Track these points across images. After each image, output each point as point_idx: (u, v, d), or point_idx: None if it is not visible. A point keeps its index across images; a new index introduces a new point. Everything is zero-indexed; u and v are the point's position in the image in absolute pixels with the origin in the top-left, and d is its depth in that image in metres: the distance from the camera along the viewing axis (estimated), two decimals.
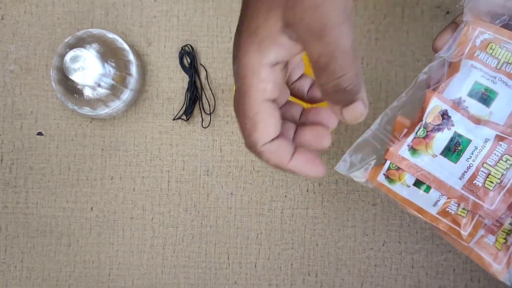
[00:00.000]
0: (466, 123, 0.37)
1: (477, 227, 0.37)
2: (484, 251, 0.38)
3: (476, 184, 0.36)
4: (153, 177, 0.63)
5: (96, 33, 0.59)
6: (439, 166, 0.37)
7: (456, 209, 0.37)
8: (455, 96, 0.38)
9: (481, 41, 0.38)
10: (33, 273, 0.63)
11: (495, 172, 0.36)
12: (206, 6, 0.63)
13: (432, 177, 0.37)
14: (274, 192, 0.62)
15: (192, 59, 0.62)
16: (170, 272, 0.62)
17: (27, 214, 0.63)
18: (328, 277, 0.62)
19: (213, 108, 0.62)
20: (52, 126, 0.63)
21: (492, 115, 0.38)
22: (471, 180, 0.36)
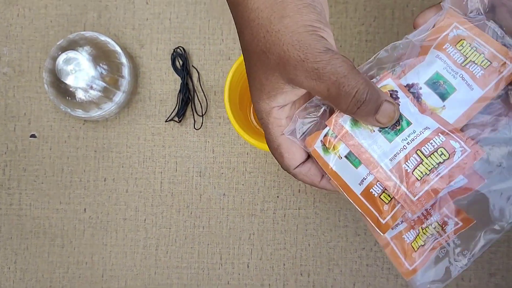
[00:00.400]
0: (411, 109, 0.36)
1: (396, 217, 0.36)
2: (399, 248, 0.38)
3: (405, 168, 0.35)
4: (146, 179, 0.63)
5: (89, 36, 0.60)
6: (374, 143, 0.36)
7: (380, 192, 0.36)
8: (413, 81, 0.38)
9: (454, 36, 0.37)
10: (27, 274, 0.63)
11: (426, 162, 0.35)
12: (198, 8, 0.64)
13: (364, 151, 0.36)
14: (266, 193, 0.63)
15: (184, 61, 0.63)
16: (163, 272, 0.63)
17: (20, 216, 0.63)
18: (320, 277, 0.62)
19: (205, 110, 0.63)
20: (45, 128, 0.64)
21: (444, 109, 0.37)
22: (401, 163, 0.35)
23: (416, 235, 0.37)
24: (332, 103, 0.35)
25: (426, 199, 0.35)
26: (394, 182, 0.35)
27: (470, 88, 0.37)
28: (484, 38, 0.37)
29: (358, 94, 0.33)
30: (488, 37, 0.37)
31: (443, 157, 0.35)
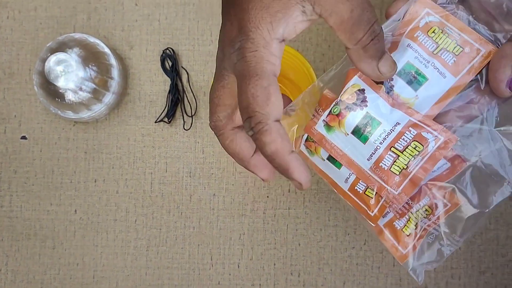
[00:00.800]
0: (381, 104, 0.37)
1: (383, 210, 0.37)
2: (392, 234, 0.38)
3: (382, 167, 0.36)
4: (136, 179, 0.63)
5: (78, 38, 0.60)
6: (350, 145, 0.37)
7: (364, 189, 0.37)
8: None
9: (426, 23, 0.37)
10: (18, 276, 0.63)
11: (402, 157, 0.36)
12: (187, 9, 0.64)
13: (343, 154, 0.37)
14: (256, 193, 0.63)
15: (173, 62, 0.63)
16: (154, 273, 0.63)
17: (11, 218, 0.63)
18: (311, 276, 0.63)
19: (194, 111, 0.63)
20: (35, 130, 0.64)
21: (417, 99, 0.37)
22: (378, 163, 0.36)
23: (406, 221, 0.38)
24: (346, 31, 0.32)
25: (407, 191, 0.36)
26: (375, 180, 0.36)
27: (443, 76, 0.36)
28: (456, 24, 0.37)
29: (376, 24, 0.32)
30: (460, 22, 0.37)
31: (417, 149, 0.35)
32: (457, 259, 0.62)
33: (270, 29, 0.32)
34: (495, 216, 0.62)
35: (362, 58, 0.33)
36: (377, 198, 0.37)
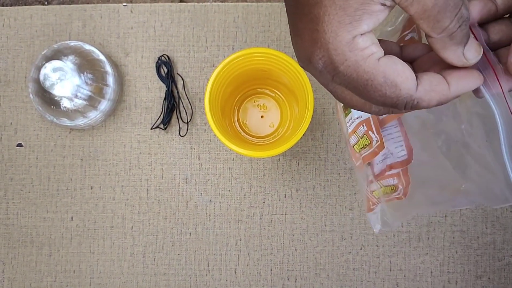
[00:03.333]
0: None
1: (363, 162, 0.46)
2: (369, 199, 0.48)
3: (349, 142, 0.46)
4: (133, 186, 0.63)
5: (73, 45, 0.60)
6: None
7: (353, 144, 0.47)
8: None
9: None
10: (15, 283, 0.63)
11: (360, 142, 0.44)
12: (182, 16, 0.64)
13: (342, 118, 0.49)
14: (253, 199, 0.63)
15: (169, 68, 0.63)
16: (151, 280, 0.63)
17: (7, 225, 0.63)
18: (307, 281, 0.62)
19: (190, 117, 0.63)
20: (31, 137, 0.64)
21: None
22: (348, 138, 0.47)
23: (378, 188, 0.46)
24: (430, 20, 0.29)
25: (362, 163, 0.46)
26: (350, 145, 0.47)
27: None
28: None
29: (464, 7, 0.28)
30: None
31: (367, 142, 0.43)
32: (454, 263, 0.62)
33: (351, 29, 0.28)
34: (491, 220, 0.62)
35: (447, 46, 0.30)
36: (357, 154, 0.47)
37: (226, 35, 0.64)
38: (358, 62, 0.29)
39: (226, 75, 0.54)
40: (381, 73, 0.29)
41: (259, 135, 0.62)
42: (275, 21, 0.64)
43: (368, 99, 0.30)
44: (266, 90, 0.62)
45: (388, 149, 0.43)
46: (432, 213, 0.62)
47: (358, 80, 0.29)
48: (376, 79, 0.29)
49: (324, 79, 0.31)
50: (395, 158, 0.43)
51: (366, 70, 0.29)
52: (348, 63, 0.29)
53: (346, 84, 0.30)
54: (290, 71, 0.53)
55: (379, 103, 0.30)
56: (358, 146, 0.45)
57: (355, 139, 0.45)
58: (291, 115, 0.61)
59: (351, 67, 0.29)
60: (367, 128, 0.43)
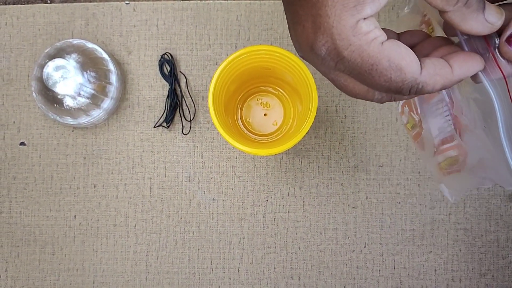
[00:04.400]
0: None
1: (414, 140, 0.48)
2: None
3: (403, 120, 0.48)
4: (136, 184, 0.63)
5: (76, 43, 0.60)
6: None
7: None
8: None
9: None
10: (18, 282, 0.63)
11: (409, 122, 0.47)
12: (185, 15, 0.64)
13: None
14: (256, 197, 0.63)
15: (171, 67, 0.63)
16: (154, 278, 0.63)
17: (11, 224, 0.63)
18: (311, 280, 0.62)
19: (193, 115, 0.63)
20: (34, 136, 0.64)
21: None
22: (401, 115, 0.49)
23: (443, 159, 0.45)
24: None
25: (414, 140, 0.47)
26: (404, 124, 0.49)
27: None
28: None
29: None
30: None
31: (413, 122, 0.46)
32: (458, 261, 0.62)
33: (355, 13, 0.28)
34: (495, 218, 0.62)
35: (466, 16, 0.29)
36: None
37: (229, 33, 0.64)
38: (362, 46, 0.28)
39: (229, 73, 0.54)
40: (385, 57, 0.28)
41: (262, 133, 0.62)
42: (278, 19, 0.64)
43: (372, 85, 0.30)
44: (270, 88, 0.62)
45: (440, 123, 0.43)
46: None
47: (363, 65, 0.29)
48: (381, 63, 0.29)
49: (326, 67, 0.30)
50: (446, 133, 0.43)
51: (370, 54, 0.28)
52: (352, 48, 0.28)
53: (350, 71, 0.30)
54: (293, 69, 0.53)
55: (384, 88, 0.30)
56: (410, 125, 0.46)
57: (405, 119, 0.47)
58: (294, 113, 0.61)
59: (355, 52, 0.28)
60: (409, 109, 0.45)
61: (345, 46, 0.28)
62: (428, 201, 0.62)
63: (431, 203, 0.62)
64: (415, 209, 0.62)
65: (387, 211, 0.62)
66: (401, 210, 0.62)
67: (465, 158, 0.43)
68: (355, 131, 0.63)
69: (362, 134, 0.63)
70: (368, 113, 0.63)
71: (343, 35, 0.28)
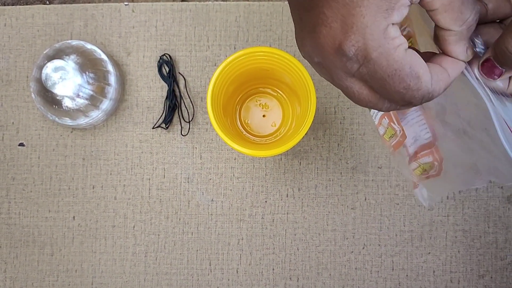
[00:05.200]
0: None
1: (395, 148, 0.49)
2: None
3: (379, 132, 0.49)
4: (134, 185, 0.63)
5: (75, 44, 0.60)
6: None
7: (382, 134, 0.50)
8: None
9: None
10: (17, 283, 0.63)
11: (387, 132, 0.47)
12: (184, 16, 0.64)
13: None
14: (254, 198, 0.63)
15: (170, 68, 0.63)
16: (153, 279, 0.63)
17: (9, 225, 0.63)
18: (310, 281, 0.62)
19: (192, 116, 0.63)
20: (33, 137, 0.64)
21: None
22: (377, 128, 0.49)
23: (417, 166, 0.47)
24: (454, 12, 0.30)
25: (394, 149, 0.48)
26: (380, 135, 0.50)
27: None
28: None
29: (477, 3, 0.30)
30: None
31: (392, 132, 0.46)
32: (456, 263, 0.62)
33: (387, 17, 0.28)
34: (493, 220, 0.62)
35: (461, 39, 0.31)
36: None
37: (227, 34, 0.64)
38: (390, 50, 0.29)
39: (228, 74, 0.54)
40: (408, 63, 0.29)
41: (261, 134, 0.62)
42: (276, 20, 0.64)
43: (388, 92, 0.30)
44: (268, 89, 0.62)
45: (415, 132, 0.45)
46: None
47: (387, 69, 0.29)
48: (403, 70, 0.29)
49: (347, 71, 0.30)
50: (422, 140, 0.45)
51: (396, 59, 0.29)
52: (381, 50, 0.29)
53: (371, 75, 0.30)
54: (292, 70, 0.53)
55: (398, 96, 0.30)
56: (387, 136, 0.47)
57: (382, 130, 0.48)
58: (293, 114, 0.61)
59: (383, 55, 0.29)
60: (388, 120, 0.46)
61: (375, 48, 0.29)
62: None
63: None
64: (413, 210, 0.62)
65: (386, 212, 0.62)
66: (400, 211, 0.63)
67: (441, 163, 0.44)
68: (353, 132, 0.63)
69: (360, 135, 0.63)
70: (367, 115, 0.63)
71: (375, 36, 0.28)
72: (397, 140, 0.47)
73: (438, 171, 0.45)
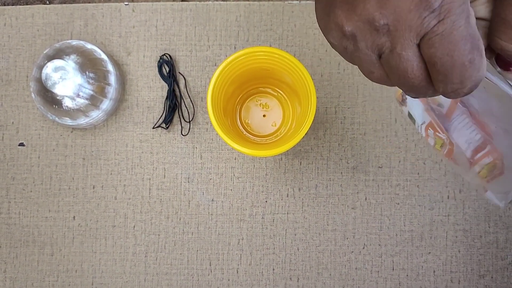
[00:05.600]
0: (418, 107, 0.47)
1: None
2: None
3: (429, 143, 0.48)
4: (135, 185, 0.63)
5: (75, 44, 0.60)
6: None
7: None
8: None
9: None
10: (16, 283, 0.63)
11: (437, 141, 0.47)
12: (184, 15, 0.64)
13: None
14: (255, 198, 0.63)
15: (170, 68, 0.63)
16: (153, 279, 0.63)
17: (9, 225, 0.63)
18: (310, 281, 0.62)
19: (192, 116, 0.63)
20: (33, 136, 0.64)
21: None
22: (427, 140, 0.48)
23: (481, 169, 0.46)
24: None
25: (448, 157, 0.47)
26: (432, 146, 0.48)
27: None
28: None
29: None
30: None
31: (441, 142, 0.46)
32: (457, 262, 0.62)
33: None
34: (494, 219, 0.62)
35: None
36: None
37: (228, 34, 0.64)
38: (470, 12, 0.28)
39: (228, 74, 0.54)
40: (477, 35, 0.28)
41: (261, 134, 0.62)
42: (277, 20, 0.64)
43: (453, 62, 0.28)
44: (269, 89, 0.62)
45: (466, 136, 0.45)
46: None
47: (463, 31, 0.27)
48: (474, 39, 0.28)
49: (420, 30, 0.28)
50: (475, 142, 0.45)
51: (471, 24, 0.28)
52: (464, 8, 0.27)
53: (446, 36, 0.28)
54: (292, 70, 0.53)
55: (458, 71, 0.28)
56: (438, 145, 0.47)
57: (432, 141, 0.48)
58: (293, 114, 0.61)
59: (463, 14, 0.27)
60: (433, 130, 0.46)
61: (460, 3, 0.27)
62: (427, 202, 0.62)
63: (430, 204, 0.62)
64: (414, 210, 0.62)
65: (386, 212, 0.62)
66: (400, 211, 0.62)
67: (502, 160, 0.44)
68: (354, 132, 0.63)
69: (361, 135, 0.63)
70: (368, 114, 0.63)
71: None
72: (448, 149, 0.47)
73: (502, 170, 0.45)
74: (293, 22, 0.64)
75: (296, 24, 0.64)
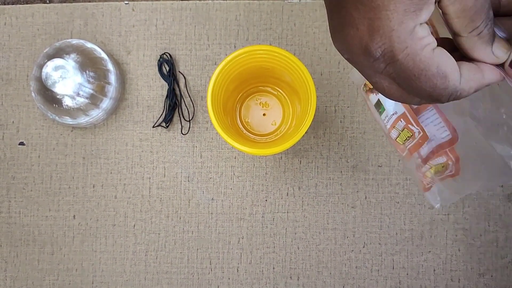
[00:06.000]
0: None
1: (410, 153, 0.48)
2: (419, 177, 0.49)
3: (391, 136, 0.47)
4: (135, 184, 0.63)
5: (75, 43, 0.60)
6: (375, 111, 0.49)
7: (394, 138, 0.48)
8: None
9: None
10: (17, 282, 0.63)
11: (402, 135, 0.46)
12: (184, 14, 0.64)
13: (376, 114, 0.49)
14: (255, 197, 0.63)
15: (170, 67, 0.63)
16: (153, 278, 0.63)
17: (10, 224, 0.63)
18: (310, 279, 0.62)
19: (192, 115, 0.63)
20: (33, 136, 0.64)
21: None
22: (388, 133, 0.48)
23: (429, 168, 0.47)
24: (465, 19, 0.30)
25: (409, 154, 0.47)
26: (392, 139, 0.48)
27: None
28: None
29: (490, 8, 0.30)
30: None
31: (409, 134, 0.45)
32: (457, 261, 0.62)
33: (415, 18, 0.29)
34: (494, 218, 0.62)
35: (476, 45, 0.31)
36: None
37: (227, 33, 0.64)
38: (417, 51, 0.29)
39: (228, 73, 0.54)
40: (435, 63, 0.30)
41: (261, 133, 0.62)
42: (277, 19, 0.64)
43: (415, 90, 0.31)
44: (268, 88, 0.62)
45: (430, 133, 0.45)
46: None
47: (413, 70, 0.30)
48: (430, 70, 0.29)
49: (374, 69, 0.31)
50: (439, 139, 0.45)
51: (422, 59, 0.29)
52: (408, 51, 0.29)
53: (398, 74, 0.30)
54: (292, 69, 0.53)
55: (425, 94, 0.31)
56: (401, 139, 0.47)
57: (395, 133, 0.47)
58: (293, 113, 0.61)
59: (409, 56, 0.29)
60: (405, 122, 0.46)
61: (402, 49, 0.29)
62: (427, 201, 0.62)
63: (430, 203, 0.62)
64: (414, 209, 0.62)
65: (386, 211, 0.62)
66: (400, 210, 0.62)
67: (457, 162, 0.44)
68: (354, 131, 0.63)
69: (361, 134, 0.63)
70: (367, 113, 0.63)
71: (402, 38, 0.29)
72: (415, 142, 0.46)
73: (455, 171, 0.45)
74: (293, 21, 0.64)
75: (295, 23, 0.64)
